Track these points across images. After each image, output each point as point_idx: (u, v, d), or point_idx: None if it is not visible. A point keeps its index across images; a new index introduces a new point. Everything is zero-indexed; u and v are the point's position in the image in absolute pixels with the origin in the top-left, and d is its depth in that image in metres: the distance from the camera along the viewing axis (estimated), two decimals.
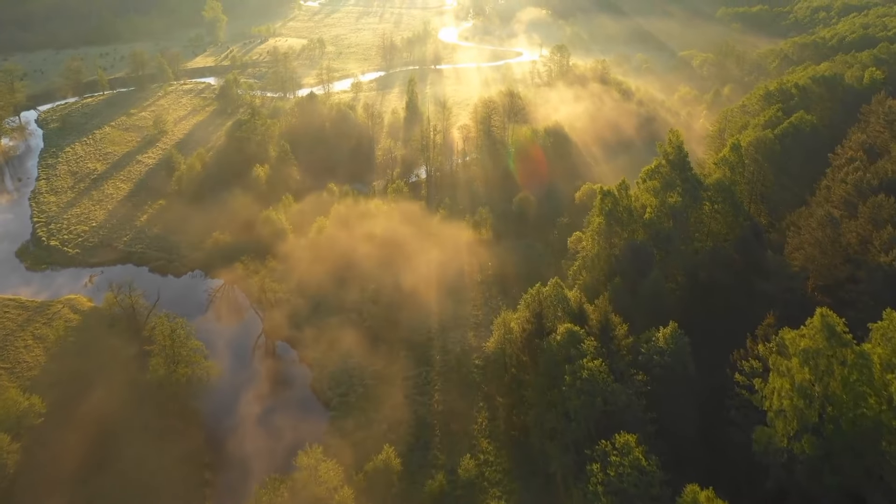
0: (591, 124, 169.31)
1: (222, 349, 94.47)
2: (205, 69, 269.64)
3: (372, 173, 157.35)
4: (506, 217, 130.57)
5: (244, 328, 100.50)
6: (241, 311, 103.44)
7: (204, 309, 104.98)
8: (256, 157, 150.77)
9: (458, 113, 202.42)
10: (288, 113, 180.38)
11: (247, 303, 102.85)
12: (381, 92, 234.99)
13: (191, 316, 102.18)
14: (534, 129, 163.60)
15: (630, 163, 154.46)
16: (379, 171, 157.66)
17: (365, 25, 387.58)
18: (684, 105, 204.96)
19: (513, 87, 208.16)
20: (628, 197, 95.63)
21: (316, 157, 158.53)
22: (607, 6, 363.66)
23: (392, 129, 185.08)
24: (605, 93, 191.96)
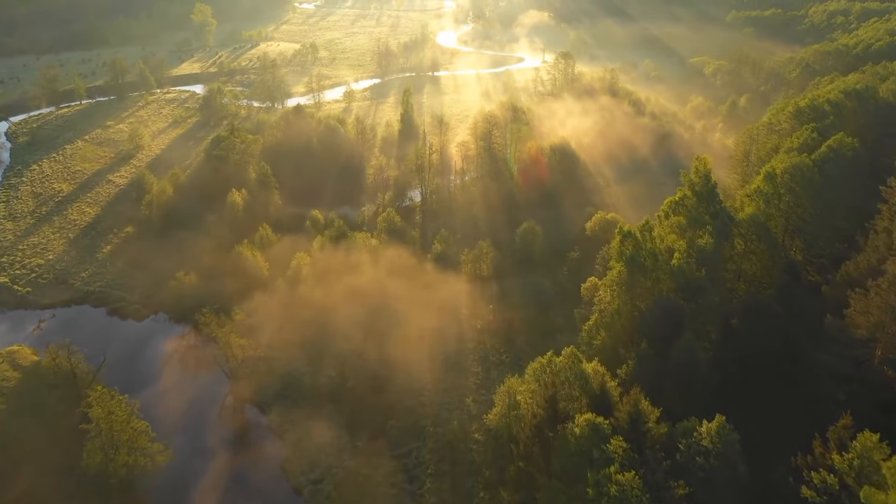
0: (600, 141, 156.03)
1: (179, 417, 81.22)
2: (190, 76, 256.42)
3: (362, 195, 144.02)
4: (509, 249, 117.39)
5: (207, 390, 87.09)
6: (204, 369, 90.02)
7: (162, 364, 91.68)
8: (235, 178, 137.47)
9: (457, 126, 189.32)
10: (273, 127, 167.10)
11: (212, 359, 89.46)
12: (376, 101, 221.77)
13: (147, 372, 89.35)
14: (539, 144, 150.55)
15: (645, 186, 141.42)
16: (370, 193, 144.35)
17: (361, 29, 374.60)
18: (698, 117, 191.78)
19: (515, 98, 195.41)
20: (652, 239, 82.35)
21: (301, 177, 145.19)
22: (613, 10, 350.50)
23: (386, 143, 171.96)
24: (615, 105, 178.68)
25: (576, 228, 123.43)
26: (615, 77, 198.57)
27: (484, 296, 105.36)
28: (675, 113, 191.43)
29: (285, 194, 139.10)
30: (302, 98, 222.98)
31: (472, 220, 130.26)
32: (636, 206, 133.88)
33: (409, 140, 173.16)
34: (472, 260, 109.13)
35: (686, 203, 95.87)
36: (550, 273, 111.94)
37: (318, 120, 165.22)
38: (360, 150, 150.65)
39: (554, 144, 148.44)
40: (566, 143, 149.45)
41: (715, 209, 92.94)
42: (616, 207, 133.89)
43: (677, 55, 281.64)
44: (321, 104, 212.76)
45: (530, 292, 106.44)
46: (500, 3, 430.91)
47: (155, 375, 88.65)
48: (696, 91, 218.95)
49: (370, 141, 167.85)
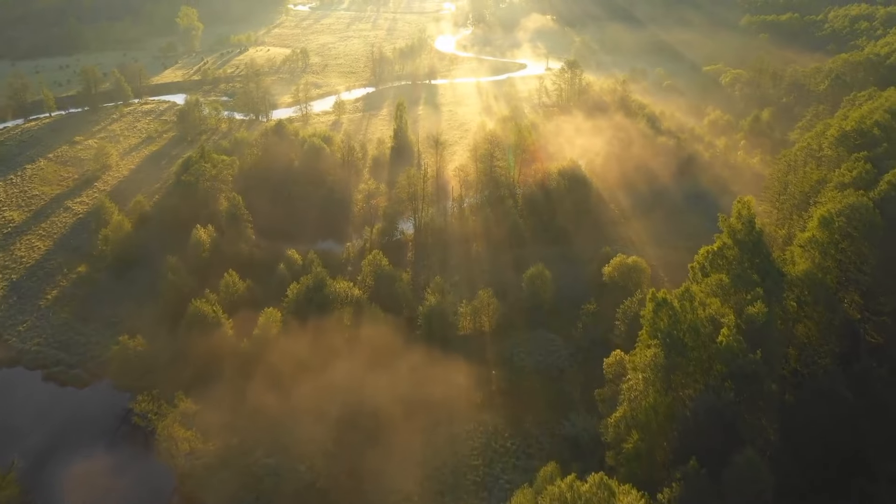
0: (614, 164, 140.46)
1: None
2: (172, 85, 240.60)
3: (348, 226, 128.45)
4: (514, 296, 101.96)
5: (150, 488, 71.57)
6: (150, 459, 74.46)
7: (100, 449, 76.17)
8: (204, 209, 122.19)
9: (456, 143, 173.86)
10: (251, 147, 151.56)
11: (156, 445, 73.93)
12: (368, 113, 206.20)
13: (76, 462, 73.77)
14: (545, 168, 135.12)
15: (667, 219, 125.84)
16: (357, 224, 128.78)
17: (356, 33, 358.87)
18: (717, 132, 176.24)
19: (518, 111, 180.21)
20: (693, 309, 66.83)
21: (280, 206, 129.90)
22: (620, 14, 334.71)
23: (377, 163, 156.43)
24: (629, 123, 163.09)
25: (590, 271, 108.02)
26: (627, 89, 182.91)
27: (485, 357, 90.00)
28: (693, 129, 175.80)
29: (261, 226, 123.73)
30: (289, 109, 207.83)
31: (471, 258, 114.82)
32: (658, 242, 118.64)
33: (403, 159, 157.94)
34: (471, 313, 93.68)
35: (727, 254, 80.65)
36: (562, 326, 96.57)
37: (302, 139, 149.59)
38: (346, 177, 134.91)
39: (563, 168, 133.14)
40: (576, 166, 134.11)
41: (763, 264, 77.57)
42: (635, 245, 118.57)
43: (688, 62, 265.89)
44: (308, 117, 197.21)
45: (540, 352, 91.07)
46: (501, 5, 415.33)
47: (86, 469, 73.04)
48: (713, 102, 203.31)
49: (360, 161, 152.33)
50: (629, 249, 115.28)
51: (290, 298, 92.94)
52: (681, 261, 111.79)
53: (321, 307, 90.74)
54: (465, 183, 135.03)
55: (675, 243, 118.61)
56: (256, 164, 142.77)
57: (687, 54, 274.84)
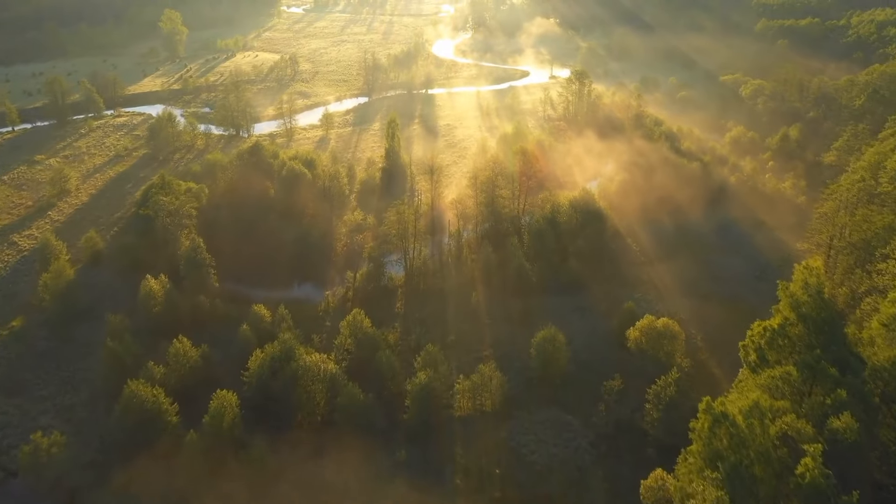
0: (633, 193, 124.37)
1: None
2: (150, 95, 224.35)
3: (330, 268, 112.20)
4: (520, 363, 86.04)
5: None
6: None
7: None
8: (164, 248, 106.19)
9: (453, 165, 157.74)
10: (225, 169, 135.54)
11: None
12: (358, 128, 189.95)
13: None
14: (554, 198, 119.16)
15: (698, 261, 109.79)
16: (340, 265, 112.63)
17: (350, 36, 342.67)
18: (741, 151, 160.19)
19: (522, 128, 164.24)
20: (764, 430, 50.65)
21: (252, 244, 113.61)
22: (627, 17, 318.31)
23: (366, 188, 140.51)
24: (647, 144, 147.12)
25: (610, 328, 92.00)
26: (642, 104, 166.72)
27: (486, 446, 73.89)
28: (714, 147, 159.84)
29: (230, 268, 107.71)
30: (274, 123, 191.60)
31: (469, 310, 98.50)
32: (688, 290, 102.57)
33: (395, 183, 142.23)
34: (469, 390, 77.58)
35: (790, 334, 64.49)
36: (579, 403, 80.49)
37: (281, 162, 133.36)
38: (328, 208, 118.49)
39: (574, 199, 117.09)
40: (589, 196, 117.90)
41: (840, 351, 61.50)
42: (660, 292, 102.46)
43: (702, 69, 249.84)
44: (293, 133, 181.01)
45: (554, 440, 74.94)
46: (502, 7, 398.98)
47: None
48: (733, 116, 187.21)
49: (346, 187, 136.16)
50: (654, 301, 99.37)
51: (251, 373, 76.84)
52: (717, 316, 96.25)
53: (288, 384, 74.67)
54: (464, 215, 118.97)
55: (707, 291, 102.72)
56: (227, 193, 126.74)
57: (700, 61, 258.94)
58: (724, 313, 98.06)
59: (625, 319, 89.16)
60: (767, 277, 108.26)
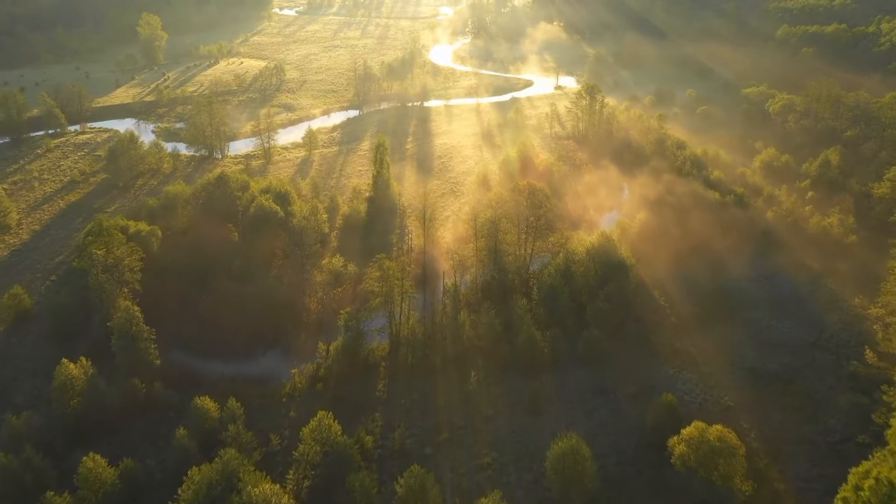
0: (660, 238, 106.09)
1: None
2: (120, 108, 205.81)
3: (300, 333, 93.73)
4: (537, 470, 67.85)
5: None
6: None
7: None
8: (99, 312, 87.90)
9: (451, 192, 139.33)
10: (187, 203, 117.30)
11: None
12: (346, 147, 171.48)
13: None
14: (567, 244, 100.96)
15: (743, 326, 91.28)
16: (312, 328, 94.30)
17: (343, 41, 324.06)
18: (773, 177, 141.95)
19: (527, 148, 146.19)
20: None
21: (210, 300, 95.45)
22: (636, 22, 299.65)
23: (349, 223, 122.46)
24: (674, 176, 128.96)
25: (643, 422, 73.68)
26: (662, 123, 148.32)
27: None
28: (744, 173, 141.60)
29: (182, 330, 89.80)
30: (252, 140, 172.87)
31: (467, 395, 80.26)
32: (736, 366, 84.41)
33: (382, 217, 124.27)
34: None
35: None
36: None
37: (250, 196, 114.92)
38: (301, 259, 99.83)
39: (592, 246, 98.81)
40: (609, 242, 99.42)
41: None
42: (702, 371, 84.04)
43: (719, 79, 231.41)
44: (272, 153, 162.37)
45: None
46: (503, 9, 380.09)
47: None
48: (761, 135, 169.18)
49: (325, 224, 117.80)
50: (694, 383, 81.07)
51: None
52: (771, 401, 78.13)
53: None
54: (461, 264, 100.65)
55: (755, 364, 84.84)
56: (187, 234, 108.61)
57: (716, 70, 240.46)
58: (780, 396, 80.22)
59: (662, 416, 70.98)
60: (825, 344, 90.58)
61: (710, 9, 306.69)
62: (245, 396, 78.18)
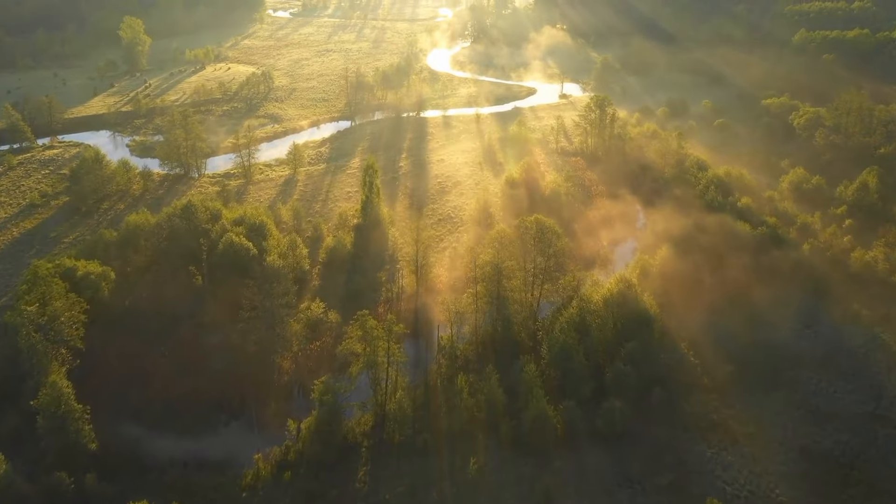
0: (685, 279, 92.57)
1: None
2: (94, 119, 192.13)
3: (268, 401, 79.99)
4: None
5: None
6: None
7: None
8: (30, 378, 74.34)
9: (448, 219, 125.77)
10: (151, 236, 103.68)
11: None
12: (334, 164, 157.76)
13: None
14: (582, 292, 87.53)
15: (785, 391, 77.68)
16: (283, 393, 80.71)
17: (337, 45, 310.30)
18: (803, 201, 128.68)
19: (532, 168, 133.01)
20: None
21: (167, 359, 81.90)
22: (646, 26, 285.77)
23: (333, 258, 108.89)
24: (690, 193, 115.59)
25: None
26: (682, 144, 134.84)
27: None
28: (772, 197, 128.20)
29: (132, 397, 76.35)
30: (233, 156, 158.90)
31: (465, 487, 66.68)
32: (785, 445, 70.97)
33: (371, 250, 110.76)
34: None
35: None
36: None
37: (221, 229, 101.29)
38: (274, 307, 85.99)
39: (609, 294, 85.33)
40: (630, 291, 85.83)
41: None
42: (745, 452, 70.54)
43: (733, 87, 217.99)
44: (253, 171, 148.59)
45: None
46: (505, 11, 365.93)
47: None
48: (783, 150, 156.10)
49: (306, 261, 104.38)
50: (737, 469, 67.54)
51: None
52: (832, 495, 64.71)
53: None
54: (459, 314, 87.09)
55: (806, 441, 71.51)
56: (145, 277, 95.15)
57: (730, 77, 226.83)
58: (840, 486, 66.72)
59: None
60: (885, 413, 77.18)
61: (720, 11, 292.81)
62: (197, 490, 64.84)
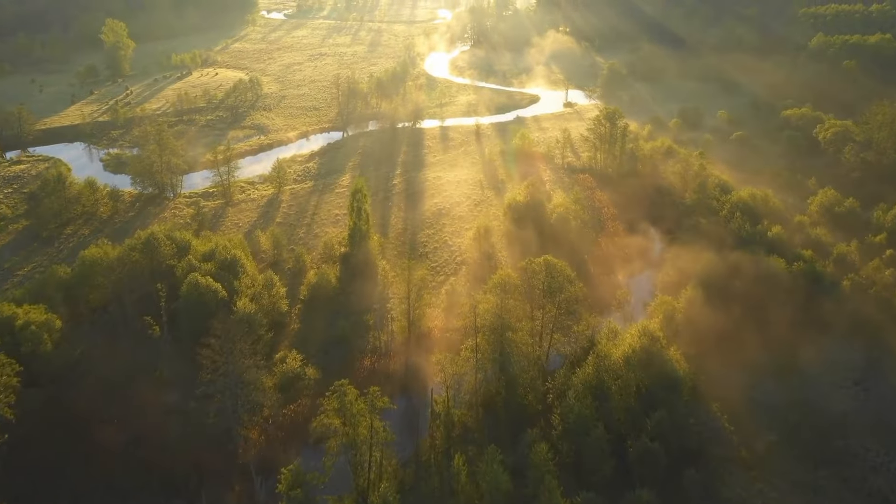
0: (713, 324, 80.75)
1: None
2: (68, 130, 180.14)
3: (231, 485, 68.00)
4: None
5: None
6: None
7: None
8: None
9: (444, 244, 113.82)
10: (110, 272, 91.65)
11: None
12: (322, 182, 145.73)
13: None
14: (597, 353, 75.85)
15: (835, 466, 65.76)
16: (250, 477, 68.69)
17: (332, 48, 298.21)
18: (838, 228, 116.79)
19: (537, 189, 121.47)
20: None
21: (113, 426, 70.02)
22: (653, 29, 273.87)
23: (316, 294, 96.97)
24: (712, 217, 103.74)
25: None
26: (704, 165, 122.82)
27: None
28: (802, 223, 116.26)
29: (65, 481, 64.49)
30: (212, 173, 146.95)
31: None
32: None
33: (358, 285, 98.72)
34: None
35: None
36: None
37: (187, 266, 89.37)
38: (238, 368, 73.99)
39: (631, 352, 73.48)
40: (654, 344, 73.97)
41: None
42: None
43: (748, 95, 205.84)
44: (233, 191, 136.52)
45: None
46: (506, 12, 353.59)
47: None
48: (808, 166, 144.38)
49: (284, 303, 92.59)
50: None
51: None
52: None
53: None
54: (457, 374, 75.21)
55: None
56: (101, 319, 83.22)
57: (744, 84, 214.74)
58: None
59: None
60: None
61: (730, 14, 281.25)
62: None
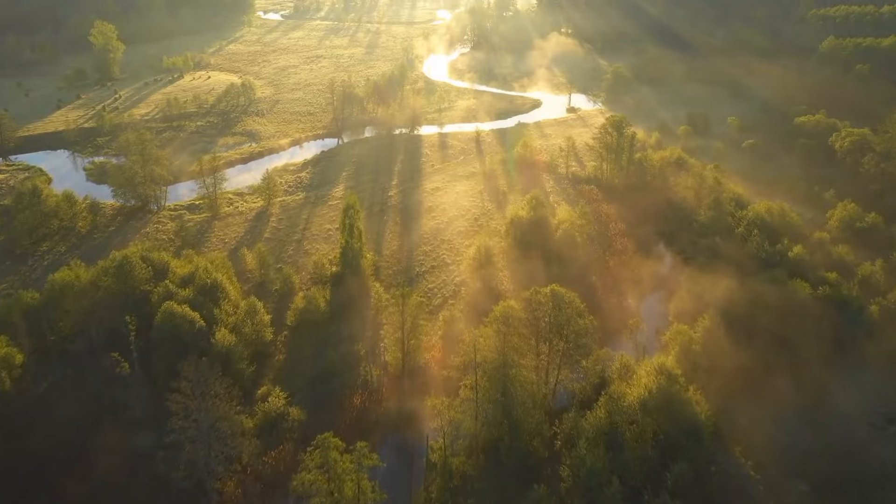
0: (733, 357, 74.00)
1: None
2: (52, 136, 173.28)
3: None
4: None
5: None
6: None
7: None
8: None
9: (443, 266, 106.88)
10: (82, 296, 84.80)
11: None
12: (314, 194, 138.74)
13: None
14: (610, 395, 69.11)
15: None
16: None
17: (328, 50, 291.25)
18: (861, 245, 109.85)
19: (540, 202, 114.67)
20: None
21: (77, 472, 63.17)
22: (657, 31, 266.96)
23: (304, 320, 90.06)
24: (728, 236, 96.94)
25: None
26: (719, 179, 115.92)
27: None
28: (822, 240, 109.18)
29: None
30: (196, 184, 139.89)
31: None
32: None
33: (350, 308, 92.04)
34: None
35: None
36: None
37: (163, 293, 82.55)
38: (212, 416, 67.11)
39: (648, 397, 66.80)
40: (673, 384, 67.17)
41: None
42: None
43: (756, 99, 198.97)
44: (220, 203, 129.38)
45: None
46: (506, 13, 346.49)
47: None
48: (823, 177, 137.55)
49: (268, 331, 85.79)
50: None
51: None
52: None
53: None
54: (455, 419, 68.34)
55: None
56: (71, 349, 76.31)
57: (753, 89, 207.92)
58: None
59: None
60: None
61: (738, 16, 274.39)
62: None
